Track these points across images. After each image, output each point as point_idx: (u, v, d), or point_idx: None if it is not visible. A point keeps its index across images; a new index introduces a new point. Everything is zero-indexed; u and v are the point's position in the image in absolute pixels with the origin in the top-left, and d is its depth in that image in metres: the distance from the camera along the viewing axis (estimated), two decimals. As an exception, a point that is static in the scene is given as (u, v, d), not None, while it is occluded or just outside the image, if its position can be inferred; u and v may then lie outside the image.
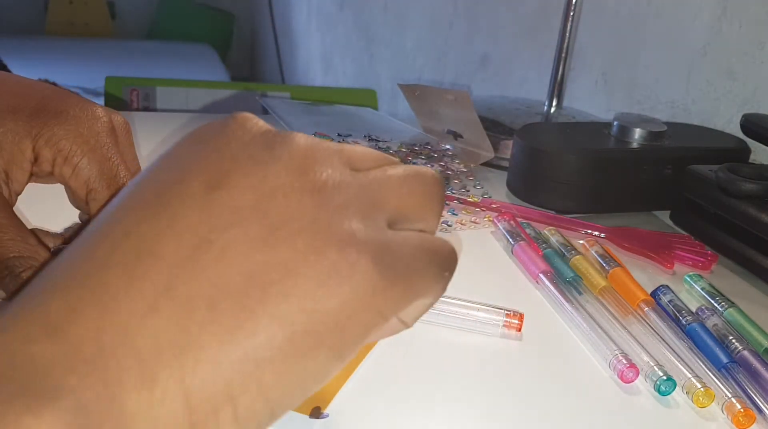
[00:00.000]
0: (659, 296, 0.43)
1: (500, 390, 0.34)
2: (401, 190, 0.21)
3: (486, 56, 0.98)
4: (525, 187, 0.61)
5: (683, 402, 0.35)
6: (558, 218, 0.56)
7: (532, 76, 0.91)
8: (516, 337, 0.39)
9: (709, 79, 0.72)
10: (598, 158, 0.58)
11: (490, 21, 0.96)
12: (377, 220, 0.20)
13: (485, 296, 0.41)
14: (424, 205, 0.22)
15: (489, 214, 0.56)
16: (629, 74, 0.80)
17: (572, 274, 0.45)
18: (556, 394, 0.35)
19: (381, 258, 0.19)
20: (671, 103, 0.76)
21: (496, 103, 0.77)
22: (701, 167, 0.55)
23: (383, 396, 0.33)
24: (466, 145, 0.69)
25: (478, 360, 0.37)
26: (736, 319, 0.42)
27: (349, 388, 0.33)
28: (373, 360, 0.35)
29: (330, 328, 0.18)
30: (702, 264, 0.51)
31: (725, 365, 0.37)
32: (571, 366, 0.37)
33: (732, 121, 0.69)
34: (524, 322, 0.39)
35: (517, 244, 0.49)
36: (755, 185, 0.50)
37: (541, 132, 0.64)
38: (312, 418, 0.30)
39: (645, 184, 0.59)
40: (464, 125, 0.68)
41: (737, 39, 0.68)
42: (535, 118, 0.73)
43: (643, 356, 0.36)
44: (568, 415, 0.33)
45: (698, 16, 0.72)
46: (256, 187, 0.19)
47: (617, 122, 0.61)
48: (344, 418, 0.31)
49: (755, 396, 0.35)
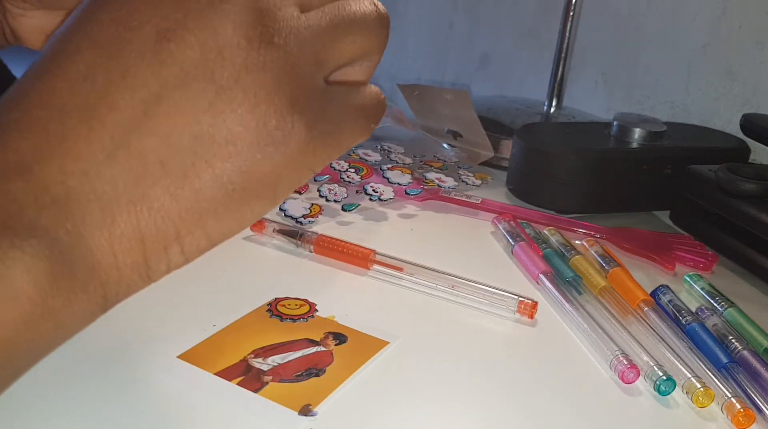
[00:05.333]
0: (659, 296, 0.43)
1: (499, 390, 0.34)
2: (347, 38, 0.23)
3: (486, 56, 0.98)
4: (525, 187, 0.60)
5: (683, 402, 0.35)
6: (558, 218, 0.56)
7: (532, 76, 0.91)
8: (515, 338, 0.39)
9: (709, 79, 0.72)
10: (597, 158, 0.58)
11: (490, 21, 0.96)
12: (316, 77, 0.21)
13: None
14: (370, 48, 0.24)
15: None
16: (629, 74, 0.80)
17: (572, 274, 0.45)
18: (555, 393, 0.35)
19: (314, 123, 0.21)
20: (671, 103, 0.76)
21: (496, 103, 0.77)
22: (701, 167, 0.55)
23: (372, 398, 0.33)
24: (465, 145, 0.69)
25: (476, 360, 0.37)
26: (736, 319, 0.42)
27: (341, 389, 0.33)
28: (368, 365, 0.35)
29: (265, 185, 0.21)
30: (703, 264, 0.51)
31: (725, 365, 0.37)
32: (571, 366, 0.37)
33: (732, 121, 0.69)
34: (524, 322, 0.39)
35: (517, 245, 0.49)
36: (755, 185, 0.50)
37: (541, 132, 0.64)
38: (300, 416, 0.30)
39: (645, 184, 0.59)
40: (464, 124, 0.68)
41: (737, 39, 0.68)
42: (534, 118, 0.73)
43: (642, 356, 0.36)
44: (568, 414, 0.33)
45: (698, 16, 0.72)
46: (203, 42, 0.20)
47: (617, 122, 0.61)
48: (333, 417, 0.31)
49: (755, 396, 0.35)
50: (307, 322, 0.38)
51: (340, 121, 0.22)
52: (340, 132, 0.22)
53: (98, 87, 0.19)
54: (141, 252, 0.20)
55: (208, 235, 0.21)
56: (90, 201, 0.19)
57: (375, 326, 0.38)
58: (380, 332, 0.38)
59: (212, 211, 0.20)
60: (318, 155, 0.21)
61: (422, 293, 0.43)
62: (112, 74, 0.19)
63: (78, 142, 0.19)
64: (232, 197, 0.20)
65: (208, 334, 0.36)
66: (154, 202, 0.19)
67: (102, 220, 0.19)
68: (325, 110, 0.21)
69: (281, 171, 0.21)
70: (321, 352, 0.36)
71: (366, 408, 0.32)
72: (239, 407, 0.31)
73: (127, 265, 0.19)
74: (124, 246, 0.19)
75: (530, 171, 0.60)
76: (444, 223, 0.55)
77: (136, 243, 0.19)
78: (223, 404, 0.31)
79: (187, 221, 0.20)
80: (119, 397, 0.31)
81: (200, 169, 0.20)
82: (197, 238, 0.20)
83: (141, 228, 0.19)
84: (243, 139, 0.20)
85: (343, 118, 0.22)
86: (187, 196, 0.20)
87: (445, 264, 0.44)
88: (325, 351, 0.36)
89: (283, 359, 0.35)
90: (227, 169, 0.20)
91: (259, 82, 0.20)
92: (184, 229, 0.20)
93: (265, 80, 0.20)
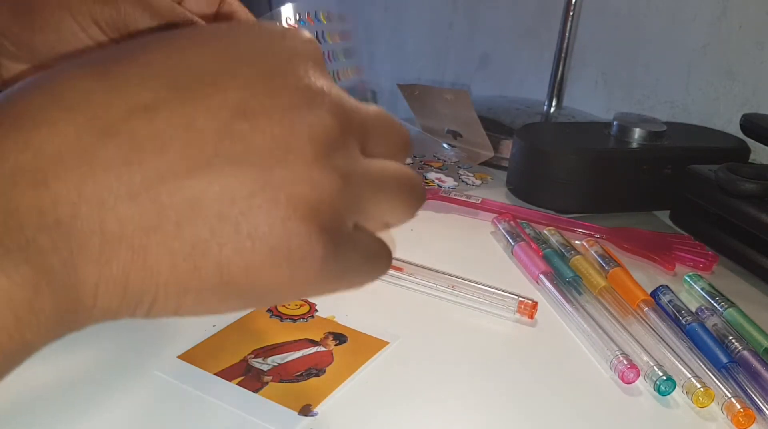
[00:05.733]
0: (659, 296, 0.43)
1: (499, 390, 0.34)
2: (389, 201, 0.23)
3: (486, 56, 0.98)
4: (525, 187, 0.60)
5: (683, 402, 0.35)
6: (558, 218, 0.56)
7: (532, 76, 0.91)
8: (515, 338, 0.39)
9: (709, 79, 0.72)
10: (597, 158, 0.58)
11: (490, 21, 0.96)
12: (349, 220, 0.21)
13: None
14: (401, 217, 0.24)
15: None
16: (629, 74, 0.80)
17: (572, 274, 0.45)
18: (555, 393, 0.35)
19: (331, 261, 0.20)
20: (671, 102, 0.76)
21: (496, 103, 0.77)
22: (701, 167, 0.55)
23: (372, 398, 0.33)
24: (465, 145, 0.69)
25: (476, 360, 0.37)
26: (736, 319, 0.42)
27: (341, 389, 0.33)
28: (368, 365, 0.35)
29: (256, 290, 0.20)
30: (703, 265, 0.51)
31: (725, 365, 0.37)
32: (571, 366, 0.37)
33: (732, 121, 0.69)
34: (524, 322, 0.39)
35: (517, 245, 0.49)
36: (755, 185, 0.50)
37: (541, 132, 0.64)
38: (300, 416, 0.30)
39: (645, 184, 0.59)
40: (464, 124, 0.68)
41: (737, 39, 0.68)
42: (534, 118, 0.73)
43: (642, 356, 0.36)
44: (568, 414, 0.33)
45: (698, 16, 0.72)
46: (276, 136, 0.19)
47: (617, 122, 0.61)
48: (333, 417, 0.31)
49: (755, 396, 0.35)
50: (307, 322, 0.38)
51: (350, 269, 0.21)
52: (345, 279, 0.22)
53: (156, 123, 0.18)
54: (118, 301, 0.18)
55: (178, 308, 0.20)
56: (93, 233, 0.17)
57: (375, 326, 0.38)
58: (380, 332, 0.38)
59: (196, 292, 0.19)
60: (315, 289, 0.21)
61: (422, 293, 0.43)
62: (176, 117, 0.18)
63: (109, 170, 0.17)
64: (221, 288, 0.19)
65: (208, 334, 0.36)
66: (151, 258, 0.18)
67: (98, 257, 0.18)
68: (344, 254, 0.21)
69: (278, 285, 0.20)
70: (321, 352, 0.36)
71: (366, 408, 0.32)
72: (239, 407, 0.31)
73: (101, 308, 0.18)
74: (107, 290, 0.18)
75: (530, 171, 0.60)
76: (444, 223, 0.55)
77: (118, 291, 0.18)
78: (223, 404, 0.31)
79: (170, 291, 0.19)
80: (119, 397, 0.31)
81: (210, 249, 0.19)
82: (168, 307, 0.19)
83: (129, 278, 0.18)
84: (264, 241, 0.19)
85: (354, 268, 0.22)
86: (184, 269, 0.19)
87: (445, 264, 0.44)
88: (325, 351, 0.36)
89: (283, 359, 0.35)
90: (234, 261, 0.19)
91: (305, 198, 0.19)
92: (162, 296, 0.19)
93: (311, 199, 0.19)
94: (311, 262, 0.20)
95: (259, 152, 0.19)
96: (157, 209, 0.18)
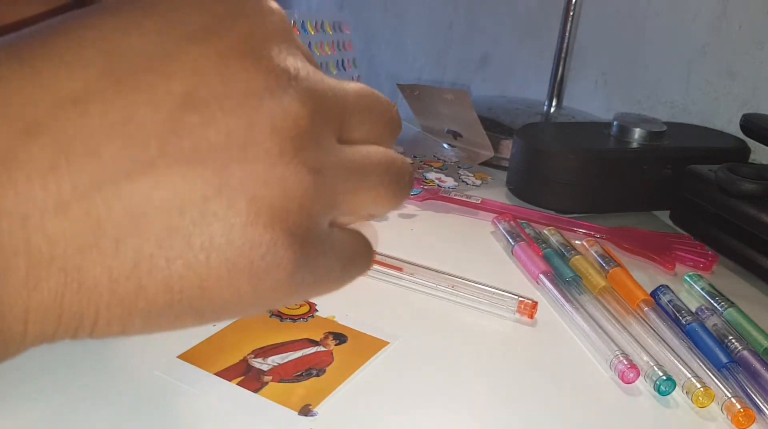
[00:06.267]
0: (659, 296, 0.43)
1: (499, 390, 0.34)
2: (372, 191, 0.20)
3: (486, 56, 0.98)
4: (525, 187, 0.61)
5: (683, 402, 0.35)
6: (558, 218, 0.56)
7: (532, 76, 0.91)
8: (515, 338, 0.39)
9: (709, 78, 0.72)
10: (598, 158, 0.58)
11: (490, 21, 0.96)
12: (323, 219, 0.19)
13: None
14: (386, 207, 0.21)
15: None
16: (629, 74, 0.80)
17: (572, 274, 0.45)
18: (556, 393, 0.35)
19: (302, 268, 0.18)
20: (671, 103, 0.76)
21: (496, 103, 0.77)
22: (701, 167, 0.55)
23: (372, 398, 0.33)
24: (465, 145, 0.69)
25: (476, 360, 0.37)
26: (736, 319, 0.42)
27: (341, 389, 0.33)
28: (368, 365, 0.35)
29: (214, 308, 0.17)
30: (703, 265, 0.51)
31: (725, 365, 0.37)
32: (571, 366, 0.37)
33: (732, 121, 0.69)
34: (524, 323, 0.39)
35: (517, 245, 0.49)
36: (755, 185, 0.50)
37: (541, 132, 0.65)
38: (300, 416, 0.30)
39: (645, 184, 0.59)
40: (464, 124, 0.68)
41: (737, 39, 0.68)
42: (534, 118, 0.73)
43: (642, 356, 0.36)
44: (568, 414, 0.33)
45: (698, 16, 0.72)
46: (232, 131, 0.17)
47: (617, 122, 0.61)
48: (333, 417, 0.31)
49: (755, 396, 0.35)
50: (307, 322, 0.38)
51: (325, 275, 0.19)
52: (319, 285, 0.19)
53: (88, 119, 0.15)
54: (53, 326, 0.16)
55: (125, 328, 0.17)
56: (17, 254, 0.15)
57: (375, 326, 0.38)
58: (380, 332, 0.38)
59: (144, 313, 0.17)
60: (285, 301, 0.18)
61: (422, 293, 0.43)
62: (112, 111, 0.15)
63: (32, 178, 0.15)
64: (172, 307, 0.17)
65: (208, 334, 0.36)
66: (88, 280, 0.16)
67: (25, 282, 0.15)
68: (318, 260, 0.18)
69: (240, 301, 0.17)
70: (321, 352, 0.36)
71: (366, 408, 0.32)
72: (239, 407, 0.31)
73: (34, 335, 0.16)
74: (39, 316, 0.16)
75: (530, 171, 0.60)
76: (444, 223, 0.55)
77: (51, 317, 0.16)
78: (223, 404, 0.31)
79: (114, 314, 0.16)
80: (119, 397, 0.31)
81: (156, 265, 0.16)
82: (113, 330, 0.17)
83: (63, 303, 0.16)
84: (221, 253, 0.16)
85: (330, 274, 0.19)
86: (126, 289, 0.16)
87: (445, 264, 0.44)
88: (325, 351, 0.36)
89: (283, 359, 0.35)
90: (186, 278, 0.16)
91: (269, 201, 0.17)
92: (104, 318, 0.16)
93: (276, 201, 0.17)
94: (278, 273, 0.17)
95: (212, 149, 0.16)
96: (92, 223, 0.15)
